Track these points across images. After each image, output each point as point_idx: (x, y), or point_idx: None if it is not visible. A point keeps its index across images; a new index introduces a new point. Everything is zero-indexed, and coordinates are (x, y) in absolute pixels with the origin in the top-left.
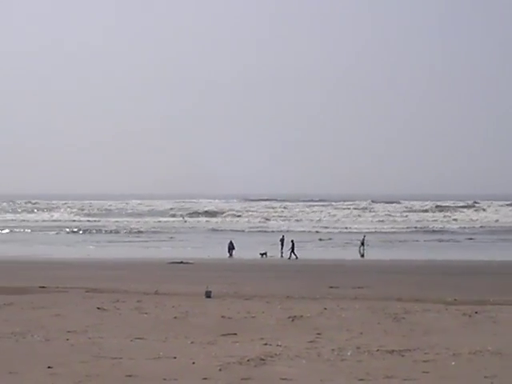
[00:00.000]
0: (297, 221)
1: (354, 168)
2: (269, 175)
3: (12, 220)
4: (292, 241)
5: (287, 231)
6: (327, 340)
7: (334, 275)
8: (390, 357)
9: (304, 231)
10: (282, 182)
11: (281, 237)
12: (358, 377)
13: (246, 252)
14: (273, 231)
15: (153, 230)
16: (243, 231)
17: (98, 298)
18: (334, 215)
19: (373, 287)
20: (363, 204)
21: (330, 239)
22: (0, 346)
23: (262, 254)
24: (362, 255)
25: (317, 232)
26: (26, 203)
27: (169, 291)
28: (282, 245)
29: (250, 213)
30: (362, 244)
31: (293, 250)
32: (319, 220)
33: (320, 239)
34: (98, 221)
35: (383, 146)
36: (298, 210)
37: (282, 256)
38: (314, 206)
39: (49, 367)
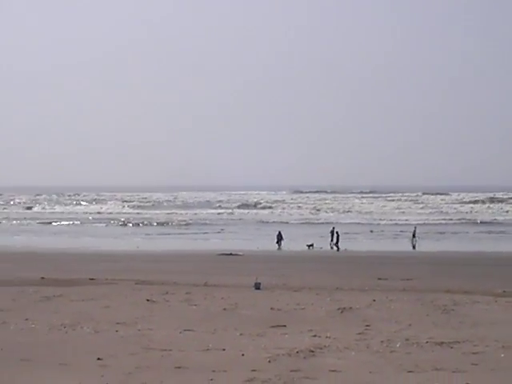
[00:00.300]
0: (347, 212)
1: (404, 160)
2: (319, 167)
3: (61, 212)
4: (337, 232)
5: (337, 223)
6: (376, 332)
7: (383, 267)
8: (439, 349)
9: (354, 223)
10: (333, 174)
11: (331, 228)
12: (407, 369)
13: (295, 244)
14: (322, 223)
15: (202, 221)
16: (292, 223)
17: (148, 289)
18: (384, 206)
19: (422, 279)
20: (413, 195)
21: (382, 231)
22: (50, 338)
23: (308, 246)
24: (414, 247)
25: (367, 224)
26: (74, 195)
27: (218, 283)
28: (332, 236)
29: (300, 204)
30: (414, 236)
31: (337, 242)
32: (370, 212)
33: (371, 231)
34: (146, 213)
35: (435, 138)
36: (348, 201)
37: (331, 247)
38: (364, 197)
39: (98, 359)
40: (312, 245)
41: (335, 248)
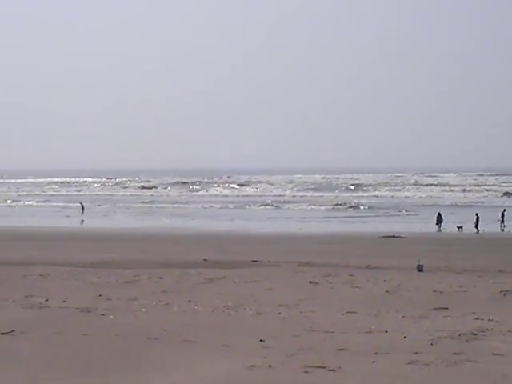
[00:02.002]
0: None
1: None
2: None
3: (215, 195)
4: (476, 214)
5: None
6: None
7: None
8: None
9: None
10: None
11: (502, 211)
12: None
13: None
14: (489, 206)
15: (368, 204)
16: (457, 205)
17: (310, 271)
18: None
19: None
20: None
21: None
22: (214, 320)
23: (458, 228)
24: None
25: None
26: (227, 177)
27: (381, 265)
28: (503, 219)
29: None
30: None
31: (476, 225)
32: None
33: None
34: (309, 196)
35: None
36: None
37: (502, 230)
38: None
39: (261, 340)
40: (461, 227)
41: (475, 230)
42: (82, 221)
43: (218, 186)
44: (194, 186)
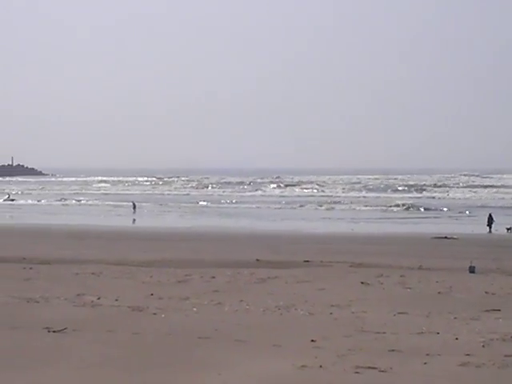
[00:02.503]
0: None
1: None
2: None
3: (266, 195)
4: (490, 214)
5: None
6: None
7: None
8: None
9: None
10: None
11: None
12: None
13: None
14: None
15: (420, 205)
16: (508, 207)
17: (362, 272)
18: None
19: None
20: None
21: None
22: (265, 320)
23: (508, 229)
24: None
25: None
26: (277, 177)
27: (432, 266)
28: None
29: None
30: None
31: (489, 224)
32: None
33: None
34: (361, 196)
35: None
36: None
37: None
38: None
39: (312, 340)
40: (511, 228)
41: (488, 229)
42: (134, 220)
43: (268, 186)
44: (244, 186)
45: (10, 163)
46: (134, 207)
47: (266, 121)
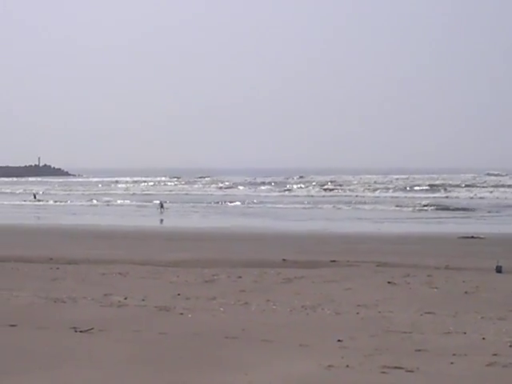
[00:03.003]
0: None
1: None
2: None
3: (291, 196)
4: None
5: None
6: None
7: None
8: None
9: None
10: None
11: None
12: None
13: None
14: None
15: (446, 204)
16: None
17: (389, 272)
18: None
19: None
20: None
21: None
22: (291, 319)
23: None
24: None
25: None
26: (300, 177)
27: (459, 266)
28: None
29: None
30: None
31: None
32: None
33: None
34: (387, 196)
35: None
36: None
37: None
38: None
39: (338, 340)
40: None
41: None
42: (162, 220)
43: (292, 186)
44: (269, 186)
45: (37, 163)
46: (162, 207)
47: (282, 121)
